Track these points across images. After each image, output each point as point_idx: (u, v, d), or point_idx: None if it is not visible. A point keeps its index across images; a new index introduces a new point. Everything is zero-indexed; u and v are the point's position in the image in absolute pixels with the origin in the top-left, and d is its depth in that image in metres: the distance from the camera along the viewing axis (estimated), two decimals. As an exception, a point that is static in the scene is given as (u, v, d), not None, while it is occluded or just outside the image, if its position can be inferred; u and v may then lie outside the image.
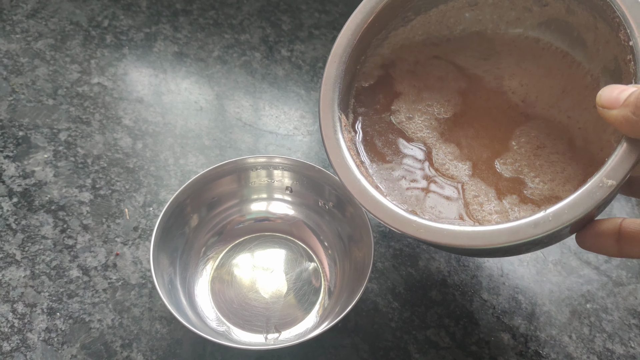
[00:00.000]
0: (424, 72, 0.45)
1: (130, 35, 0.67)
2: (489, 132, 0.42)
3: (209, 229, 0.49)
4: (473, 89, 0.44)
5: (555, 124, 0.41)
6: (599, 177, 0.29)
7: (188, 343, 0.45)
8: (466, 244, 0.32)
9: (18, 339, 0.44)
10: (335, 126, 0.38)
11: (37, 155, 0.55)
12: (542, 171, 0.39)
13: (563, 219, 0.29)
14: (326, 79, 0.39)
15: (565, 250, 0.53)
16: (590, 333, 0.48)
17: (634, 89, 0.28)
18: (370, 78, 0.44)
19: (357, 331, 0.46)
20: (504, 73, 0.43)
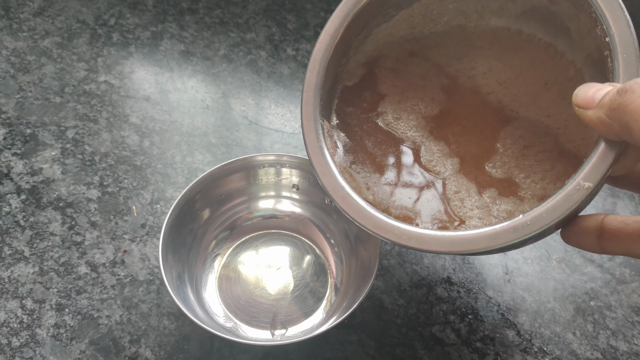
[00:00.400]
0: (405, 71, 0.44)
1: (137, 34, 0.67)
2: (475, 130, 0.42)
3: (217, 226, 0.50)
4: (455, 87, 0.44)
5: (537, 122, 0.40)
6: (576, 180, 0.29)
7: (196, 339, 0.45)
8: (448, 250, 0.32)
9: (27, 335, 0.44)
10: (317, 134, 0.38)
11: (44, 153, 0.56)
12: (532, 171, 0.38)
13: (541, 223, 0.29)
14: (307, 86, 0.39)
15: (569, 248, 0.53)
16: (594, 330, 0.48)
17: (609, 89, 0.28)
18: (354, 77, 0.44)
19: (363, 327, 0.47)
20: (478, 72, 0.43)
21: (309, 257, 0.49)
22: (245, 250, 0.50)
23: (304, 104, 0.39)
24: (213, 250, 0.49)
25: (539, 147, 0.39)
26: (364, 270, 0.45)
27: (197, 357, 0.44)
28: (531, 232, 0.29)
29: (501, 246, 0.30)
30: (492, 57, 0.43)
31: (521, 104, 0.41)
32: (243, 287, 0.47)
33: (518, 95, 0.41)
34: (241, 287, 0.47)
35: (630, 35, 0.29)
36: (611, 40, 0.30)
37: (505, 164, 0.39)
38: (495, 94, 0.42)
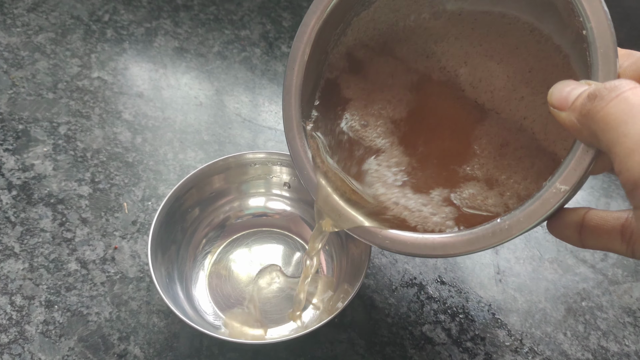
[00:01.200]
0: (372, 71, 0.43)
1: (131, 30, 0.67)
2: (447, 131, 0.41)
3: (207, 224, 0.50)
4: (424, 83, 0.42)
5: (514, 118, 0.39)
6: (554, 184, 0.28)
7: (185, 337, 0.45)
8: (427, 253, 0.32)
9: (16, 331, 0.44)
10: (300, 137, 0.38)
11: (36, 149, 0.55)
12: (513, 171, 0.38)
13: (519, 227, 0.29)
14: (287, 88, 0.38)
15: (562, 248, 0.53)
16: (585, 331, 0.48)
17: (584, 89, 0.26)
18: (335, 70, 0.42)
19: (354, 326, 0.46)
20: (453, 64, 0.41)
21: (299, 254, 0.49)
22: (236, 248, 0.49)
23: (285, 107, 0.38)
24: (203, 248, 0.49)
25: (516, 144, 0.38)
26: (354, 268, 0.44)
27: (186, 355, 0.44)
28: (510, 236, 0.29)
29: (481, 250, 0.31)
30: (471, 45, 0.41)
31: (499, 99, 0.40)
32: (233, 285, 0.47)
33: (496, 91, 0.40)
34: (231, 285, 0.47)
35: (608, 29, 0.28)
36: (588, 34, 0.28)
37: (483, 165, 0.39)
38: (471, 91, 0.41)
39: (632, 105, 0.23)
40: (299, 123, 0.38)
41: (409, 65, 0.42)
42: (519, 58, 0.39)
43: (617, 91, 0.24)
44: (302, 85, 0.38)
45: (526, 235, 0.53)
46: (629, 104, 0.23)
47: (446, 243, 0.32)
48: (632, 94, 0.24)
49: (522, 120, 0.39)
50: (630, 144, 0.22)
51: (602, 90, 0.25)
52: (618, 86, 0.24)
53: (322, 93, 0.42)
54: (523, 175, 0.37)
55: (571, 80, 0.28)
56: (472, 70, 0.41)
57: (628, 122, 0.23)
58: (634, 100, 0.23)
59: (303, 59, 0.38)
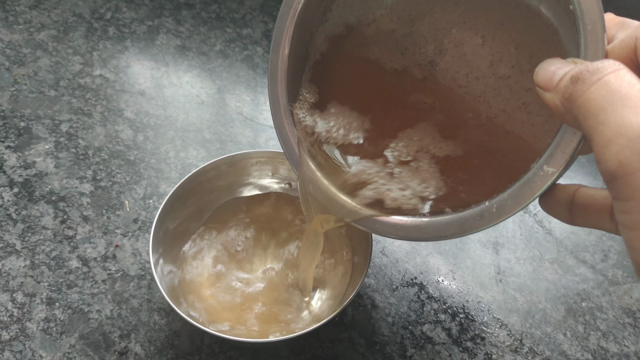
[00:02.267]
0: (347, 73, 0.41)
1: (133, 28, 0.67)
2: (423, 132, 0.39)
3: (209, 222, 0.50)
4: (409, 77, 0.40)
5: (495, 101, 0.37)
6: (540, 165, 0.28)
7: (186, 334, 0.45)
8: (417, 236, 0.32)
9: (17, 328, 0.44)
10: (289, 122, 0.37)
11: (38, 146, 0.55)
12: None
13: (507, 210, 0.29)
14: (272, 72, 0.37)
15: (562, 249, 0.53)
16: (585, 331, 0.48)
17: (570, 68, 0.25)
18: (317, 53, 0.41)
19: (354, 325, 0.47)
20: (434, 43, 0.39)
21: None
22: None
23: (271, 92, 0.37)
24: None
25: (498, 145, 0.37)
26: (355, 267, 0.45)
27: (187, 353, 0.44)
28: (498, 219, 0.29)
29: (469, 233, 0.31)
30: (454, 23, 0.39)
31: (482, 81, 0.38)
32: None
33: (479, 71, 0.38)
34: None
35: (596, 4, 0.26)
36: (575, 9, 0.26)
37: (461, 168, 0.37)
38: (450, 75, 0.39)
39: (612, 90, 0.22)
40: (286, 108, 0.37)
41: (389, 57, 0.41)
42: (505, 34, 0.37)
43: (599, 74, 0.23)
44: (288, 69, 0.37)
45: (526, 235, 0.53)
46: (609, 90, 0.22)
47: (434, 226, 0.32)
48: (614, 77, 0.22)
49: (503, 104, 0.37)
50: (608, 133, 0.21)
51: (584, 72, 0.23)
52: (600, 69, 0.23)
53: (310, 75, 0.40)
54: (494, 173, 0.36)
55: (557, 59, 0.26)
56: (455, 49, 0.39)
57: (607, 109, 0.22)
58: (614, 85, 0.22)
59: (287, 40, 0.37)
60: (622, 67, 0.22)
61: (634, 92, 0.21)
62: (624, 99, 0.21)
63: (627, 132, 0.20)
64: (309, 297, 0.45)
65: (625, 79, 0.22)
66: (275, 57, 0.37)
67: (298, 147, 0.37)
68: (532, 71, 0.34)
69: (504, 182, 0.30)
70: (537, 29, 0.35)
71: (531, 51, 0.36)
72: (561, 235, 0.54)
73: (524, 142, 0.36)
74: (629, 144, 0.20)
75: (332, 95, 0.40)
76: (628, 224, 0.21)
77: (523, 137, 0.36)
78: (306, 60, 0.40)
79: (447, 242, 0.53)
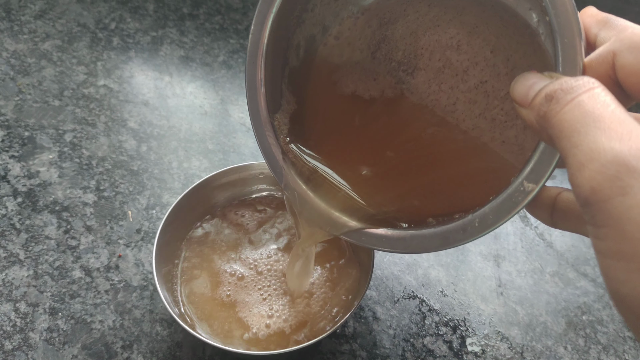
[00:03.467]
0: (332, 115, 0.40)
1: (137, 38, 0.68)
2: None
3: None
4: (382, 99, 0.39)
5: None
6: (520, 181, 0.28)
7: (188, 346, 0.45)
8: (403, 249, 0.33)
9: (20, 338, 0.45)
10: (269, 135, 0.37)
11: (42, 156, 0.56)
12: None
13: (488, 224, 0.29)
14: (250, 82, 0.36)
15: (563, 262, 0.53)
16: (586, 344, 0.48)
17: (545, 84, 0.24)
18: (296, 59, 0.39)
19: (356, 337, 0.47)
20: (407, 45, 0.38)
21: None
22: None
23: (250, 102, 0.37)
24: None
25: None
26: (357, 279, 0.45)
27: (188, 364, 0.44)
28: (480, 233, 0.30)
29: (453, 246, 0.31)
30: (427, 27, 0.37)
31: (453, 104, 0.37)
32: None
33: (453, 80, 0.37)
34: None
35: (572, 16, 0.25)
36: (551, 22, 0.25)
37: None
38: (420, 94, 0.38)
39: (585, 112, 0.21)
40: (266, 120, 0.37)
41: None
42: (479, 38, 0.35)
43: (573, 94, 0.22)
44: (266, 78, 0.36)
45: (527, 248, 0.53)
46: (583, 111, 0.21)
47: (419, 240, 0.32)
48: (588, 97, 0.21)
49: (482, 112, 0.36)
50: (580, 157, 0.20)
51: (559, 91, 0.22)
52: (574, 87, 0.22)
53: (288, 81, 0.39)
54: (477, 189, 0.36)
55: (534, 73, 0.25)
56: (430, 55, 0.38)
57: (580, 131, 0.21)
58: (588, 105, 0.21)
59: (263, 49, 0.36)
60: (598, 85, 0.22)
61: (608, 113, 0.21)
62: (597, 120, 0.20)
63: (600, 157, 0.20)
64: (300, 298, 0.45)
65: (599, 99, 0.21)
66: (252, 68, 0.36)
67: (283, 159, 0.37)
68: (509, 75, 0.34)
69: (483, 195, 0.31)
70: (512, 30, 0.34)
71: (507, 54, 0.34)
72: (562, 248, 0.55)
73: (500, 157, 0.36)
74: (601, 170, 0.20)
75: (309, 104, 0.40)
76: (602, 251, 0.21)
77: (498, 151, 0.36)
78: (285, 67, 0.39)
79: (448, 254, 0.53)
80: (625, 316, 0.21)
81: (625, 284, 0.20)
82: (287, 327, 0.44)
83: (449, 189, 0.36)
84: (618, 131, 0.20)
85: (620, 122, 0.20)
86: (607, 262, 0.20)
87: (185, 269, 0.47)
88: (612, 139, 0.20)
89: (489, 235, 0.54)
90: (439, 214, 0.34)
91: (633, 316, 0.20)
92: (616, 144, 0.19)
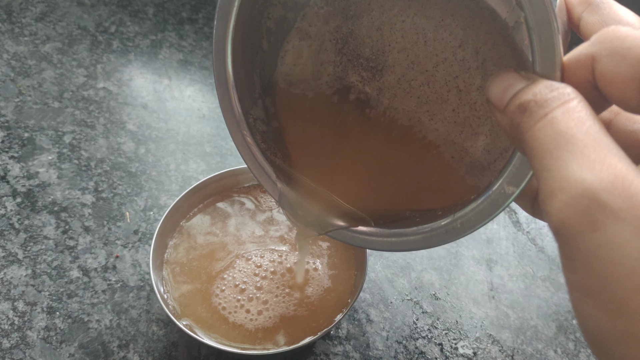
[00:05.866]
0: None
1: (137, 42, 0.68)
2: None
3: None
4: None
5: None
6: (500, 184, 0.27)
7: (183, 346, 0.46)
8: (387, 249, 0.34)
9: (18, 337, 0.45)
10: (242, 133, 0.36)
11: (41, 157, 0.56)
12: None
13: (470, 226, 0.30)
14: (218, 81, 0.34)
15: (554, 267, 0.54)
16: (575, 348, 0.49)
17: (521, 86, 0.22)
18: (264, 42, 0.37)
19: (349, 339, 0.47)
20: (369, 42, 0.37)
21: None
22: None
23: (222, 102, 0.35)
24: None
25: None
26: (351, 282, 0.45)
27: (184, 364, 0.45)
28: (462, 234, 0.30)
29: (436, 245, 0.32)
30: (392, 22, 0.36)
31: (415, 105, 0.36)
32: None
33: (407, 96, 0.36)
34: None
35: (548, 14, 0.23)
36: (526, 18, 0.24)
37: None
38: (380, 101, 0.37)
39: (557, 132, 0.19)
40: (241, 118, 0.35)
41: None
42: (446, 31, 0.34)
43: (546, 108, 0.20)
44: (236, 72, 0.34)
45: (519, 253, 0.54)
46: (555, 130, 0.20)
47: (404, 241, 0.33)
48: (562, 114, 0.20)
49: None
50: (551, 184, 0.19)
51: (532, 104, 0.21)
52: (548, 101, 0.20)
53: (260, 73, 0.37)
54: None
55: (510, 73, 0.24)
56: (398, 54, 0.37)
57: (552, 154, 0.19)
58: (561, 124, 0.20)
59: (229, 44, 0.34)
60: (574, 96, 0.20)
61: (582, 134, 0.19)
62: (570, 143, 0.19)
63: (570, 189, 0.18)
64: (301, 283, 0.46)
65: (573, 115, 0.20)
66: (220, 64, 0.34)
67: (262, 158, 0.36)
68: (480, 68, 0.33)
69: (462, 192, 0.31)
70: (480, 20, 0.32)
71: (476, 46, 0.33)
72: (553, 253, 0.55)
73: (470, 154, 0.35)
74: (572, 202, 0.18)
75: (278, 97, 0.38)
76: (570, 283, 0.20)
77: (470, 150, 0.35)
78: (257, 55, 0.37)
79: (442, 258, 0.54)
80: (592, 349, 0.20)
81: (591, 319, 0.19)
82: (279, 326, 0.44)
83: (425, 188, 0.36)
84: (591, 158, 0.18)
85: (594, 145, 0.19)
86: (575, 294, 0.20)
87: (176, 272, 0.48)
88: (584, 167, 0.18)
89: (481, 239, 0.55)
90: (420, 210, 0.34)
91: (598, 350, 0.20)
92: (587, 174, 0.18)
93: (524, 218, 0.58)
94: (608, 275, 0.18)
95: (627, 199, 0.17)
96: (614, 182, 0.18)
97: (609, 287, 0.18)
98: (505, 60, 0.32)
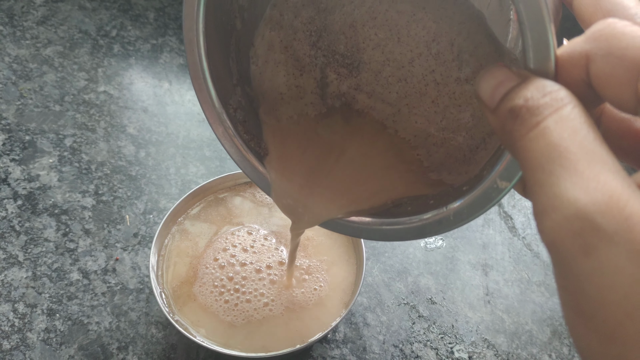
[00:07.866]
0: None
1: (137, 46, 0.69)
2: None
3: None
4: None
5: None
6: (493, 178, 0.27)
7: (182, 348, 0.46)
8: (380, 239, 0.34)
9: (18, 338, 0.46)
10: (224, 124, 0.34)
11: (42, 160, 0.57)
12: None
13: (462, 218, 0.30)
14: (193, 73, 0.33)
15: (549, 272, 0.55)
16: (570, 353, 0.49)
17: (512, 85, 0.21)
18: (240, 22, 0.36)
19: (346, 342, 0.48)
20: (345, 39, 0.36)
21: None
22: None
23: (198, 93, 0.33)
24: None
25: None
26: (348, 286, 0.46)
27: (182, 366, 0.45)
28: (454, 225, 0.31)
29: (429, 236, 0.32)
30: (365, 20, 0.35)
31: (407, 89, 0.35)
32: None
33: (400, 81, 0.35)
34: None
35: (541, 10, 0.22)
36: (519, 15, 0.22)
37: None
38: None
39: (550, 144, 0.18)
40: (221, 110, 0.34)
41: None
42: (419, 26, 0.33)
43: (539, 116, 0.19)
44: (211, 63, 0.33)
45: (515, 258, 0.54)
46: (548, 142, 0.19)
47: (397, 231, 0.33)
48: (555, 123, 0.19)
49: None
50: (543, 201, 0.18)
51: (524, 110, 0.20)
52: (541, 107, 0.19)
53: (237, 60, 0.36)
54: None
55: (500, 68, 0.22)
56: (373, 51, 0.36)
57: (545, 168, 0.18)
58: (554, 135, 0.18)
59: (201, 31, 0.32)
60: (568, 101, 0.19)
61: (575, 146, 0.18)
62: (563, 157, 0.18)
63: (563, 208, 0.18)
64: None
65: (567, 124, 0.19)
66: (192, 56, 0.32)
67: (246, 150, 0.35)
68: (456, 60, 0.32)
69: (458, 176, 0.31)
70: (452, 10, 0.32)
71: (450, 38, 0.32)
72: (548, 258, 0.56)
73: (458, 150, 0.34)
74: (564, 223, 0.17)
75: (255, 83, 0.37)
76: (564, 301, 0.19)
77: (455, 143, 0.35)
78: (230, 39, 0.35)
79: (438, 263, 0.54)
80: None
81: (582, 338, 0.19)
82: (277, 329, 0.45)
83: (409, 178, 0.36)
84: (584, 175, 0.17)
85: (588, 160, 0.18)
86: (568, 312, 0.19)
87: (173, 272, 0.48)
88: (577, 185, 0.17)
89: (477, 245, 0.56)
90: (409, 196, 0.34)
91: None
92: (581, 194, 0.17)
93: (519, 224, 0.59)
94: (601, 299, 0.17)
95: (622, 221, 0.17)
96: (608, 203, 0.17)
97: (601, 311, 0.17)
98: (481, 49, 0.32)
